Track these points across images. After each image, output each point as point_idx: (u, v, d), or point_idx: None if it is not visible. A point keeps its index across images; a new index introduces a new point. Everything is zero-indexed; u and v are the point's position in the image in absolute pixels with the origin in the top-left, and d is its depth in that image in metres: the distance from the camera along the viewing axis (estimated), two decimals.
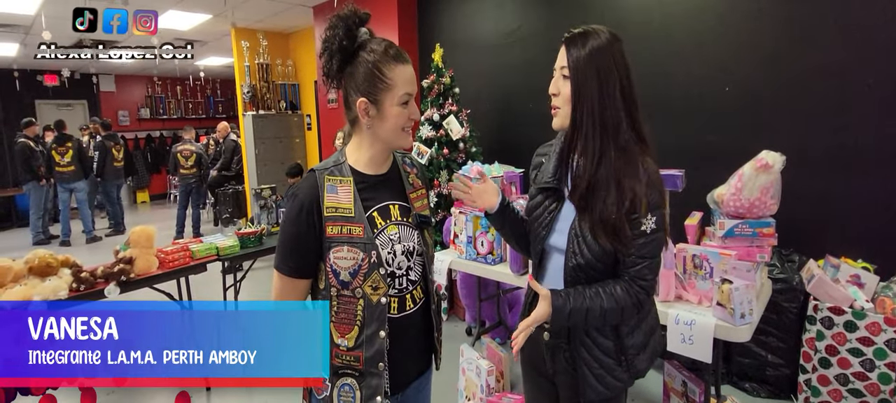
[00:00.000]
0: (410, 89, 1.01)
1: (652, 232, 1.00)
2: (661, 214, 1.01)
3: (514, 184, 2.65)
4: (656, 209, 1.00)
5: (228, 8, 5.04)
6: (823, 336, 2.11)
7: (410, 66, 1.01)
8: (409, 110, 1.01)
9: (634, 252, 1.00)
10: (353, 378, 1.02)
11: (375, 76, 0.98)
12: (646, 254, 1.01)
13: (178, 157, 6.04)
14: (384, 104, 0.99)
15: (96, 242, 6.44)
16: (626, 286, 1.02)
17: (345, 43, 0.98)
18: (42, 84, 8.70)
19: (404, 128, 1.03)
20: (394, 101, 0.99)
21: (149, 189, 10.15)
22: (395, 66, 0.98)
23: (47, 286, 2.13)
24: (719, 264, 1.74)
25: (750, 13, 2.45)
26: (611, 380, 1.07)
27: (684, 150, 2.61)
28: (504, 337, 3.12)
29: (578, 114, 1.00)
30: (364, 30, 1.01)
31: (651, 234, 1.00)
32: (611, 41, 1.00)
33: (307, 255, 1.01)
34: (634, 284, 1.02)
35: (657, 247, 1.03)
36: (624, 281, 1.03)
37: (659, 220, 1.01)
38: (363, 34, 1.01)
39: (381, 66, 0.98)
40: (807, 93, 2.31)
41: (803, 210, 2.27)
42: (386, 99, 0.99)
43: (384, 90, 0.99)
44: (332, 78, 1.02)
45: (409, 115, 1.02)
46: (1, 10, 4.81)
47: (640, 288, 1.02)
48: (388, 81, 0.98)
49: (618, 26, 3.07)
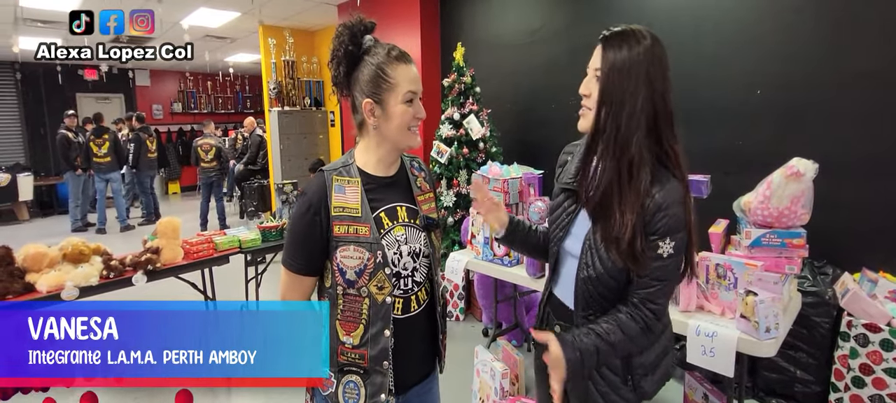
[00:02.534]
0: (414, 87, 1.02)
1: (668, 256, 0.94)
2: (681, 239, 0.95)
3: (532, 186, 2.61)
4: (675, 232, 0.94)
5: (256, 6, 5.16)
6: (857, 354, 2.00)
7: (413, 66, 1.04)
8: (414, 108, 1.03)
9: (648, 274, 0.95)
10: (358, 375, 1.04)
11: (379, 77, 1.01)
12: (659, 277, 0.96)
13: (199, 151, 6.22)
14: (389, 103, 1.01)
15: (130, 231, 6.71)
16: (631, 311, 0.97)
17: (350, 49, 1.01)
18: (82, 78, 9.12)
19: (410, 127, 1.04)
20: (398, 100, 1.01)
21: (180, 180, 10.51)
22: (397, 66, 1.01)
23: (79, 272, 2.23)
24: (744, 275, 1.67)
25: (783, 15, 2.34)
26: (615, 398, 1.04)
27: (710, 155, 2.52)
28: (520, 340, 3.09)
29: (602, 121, 0.95)
30: (369, 37, 1.03)
31: (668, 259, 0.94)
32: (651, 46, 0.93)
33: (313, 253, 1.04)
34: (643, 308, 0.97)
35: (672, 272, 0.97)
36: (630, 304, 0.98)
37: (678, 245, 0.95)
38: (368, 41, 1.03)
39: (384, 66, 1.01)
40: (843, 98, 2.20)
41: (839, 220, 2.16)
42: (390, 98, 1.01)
43: (388, 90, 1.01)
44: (339, 85, 1.05)
45: (414, 114, 1.03)
46: (45, 7, 5.05)
47: (649, 312, 0.96)
48: (390, 81, 1.00)
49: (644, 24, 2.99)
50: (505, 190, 2.48)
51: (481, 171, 2.68)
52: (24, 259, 2.17)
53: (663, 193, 0.93)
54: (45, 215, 8.17)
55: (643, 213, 0.93)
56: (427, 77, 4.13)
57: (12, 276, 2.11)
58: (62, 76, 7.79)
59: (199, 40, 6.75)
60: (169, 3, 4.96)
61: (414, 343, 1.09)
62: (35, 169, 8.29)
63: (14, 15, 5.33)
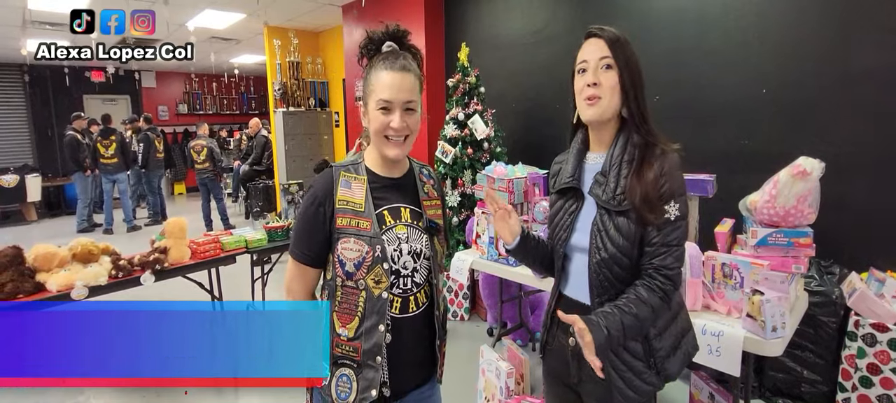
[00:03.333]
0: (387, 96, 1.00)
1: (676, 218, 1.00)
2: (684, 201, 1.02)
3: (537, 185, 2.62)
4: (679, 195, 1.01)
5: (261, 7, 5.18)
6: (865, 354, 1.99)
7: (399, 75, 1.00)
8: (387, 117, 1.01)
9: (658, 240, 1.00)
10: (351, 369, 1.05)
11: (367, 79, 1.04)
12: (671, 242, 1.00)
13: (191, 153, 6.33)
14: (369, 107, 1.04)
15: (136, 231, 6.76)
16: (648, 282, 1.00)
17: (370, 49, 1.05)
18: (89, 80, 9.19)
19: (386, 135, 1.03)
20: (374, 105, 1.02)
21: (185, 181, 10.58)
22: (379, 72, 1.02)
23: (89, 272, 2.26)
24: (751, 274, 1.66)
25: (789, 13, 2.33)
26: (640, 384, 1.05)
27: (715, 154, 2.51)
28: (525, 339, 3.09)
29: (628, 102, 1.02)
30: (389, 43, 1.05)
31: (675, 221, 1.00)
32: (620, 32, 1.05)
33: (316, 244, 1.06)
34: (658, 275, 1.00)
35: (682, 235, 1.02)
36: (646, 275, 1.01)
37: (682, 207, 1.01)
38: (387, 46, 1.05)
39: (371, 69, 1.04)
40: (849, 96, 2.18)
41: (845, 219, 2.15)
42: (370, 102, 1.03)
43: (369, 94, 1.04)
44: None
45: (387, 122, 1.01)
46: (53, 10, 5.09)
47: (665, 278, 1.00)
48: (371, 85, 1.03)
49: (649, 26, 2.98)
50: (510, 189, 2.49)
51: (486, 171, 2.68)
52: (35, 258, 2.20)
53: (661, 160, 1.01)
54: (52, 216, 8.25)
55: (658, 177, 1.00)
56: (431, 77, 4.14)
57: (23, 276, 2.13)
58: (69, 78, 7.86)
59: (204, 42, 6.79)
60: (174, 5, 4.99)
61: (411, 345, 1.09)
62: (43, 170, 8.37)
63: (23, 17, 5.39)
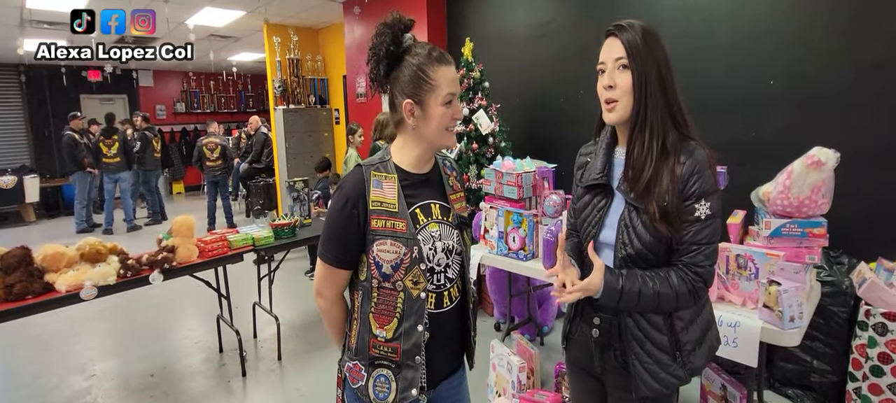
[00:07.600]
0: (453, 89, 1.04)
1: (707, 217, 0.98)
2: (715, 199, 0.99)
3: (546, 180, 2.61)
4: (710, 194, 0.98)
5: (261, 4, 5.15)
6: (876, 344, 2.00)
7: (453, 68, 1.05)
8: (452, 109, 1.04)
9: (689, 238, 0.98)
10: (390, 369, 1.04)
11: (420, 78, 1.01)
12: (701, 240, 0.99)
13: (204, 150, 6.25)
14: (429, 105, 1.02)
15: (137, 231, 6.73)
16: (682, 273, 1.00)
17: (392, 49, 1.01)
18: (86, 79, 9.13)
19: (448, 128, 1.05)
20: (438, 101, 1.02)
21: (184, 180, 10.53)
22: (438, 68, 1.02)
23: (97, 271, 2.24)
24: (766, 265, 1.67)
25: (798, 3, 2.33)
26: (665, 376, 1.05)
27: (725, 147, 2.50)
28: (533, 334, 3.09)
29: (643, 104, 0.99)
30: (408, 35, 1.04)
31: (706, 220, 0.98)
32: (653, 30, 1.01)
33: (349, 247, 1.04)
34: (689, 271, 0.99)
35: (713, 233, 1.00)
36: (678, 268, 1.00)
37: (714, 205, 0.99)
38: (408, 39, 1.03)
39: (426, 67, 1.01)
40: (858, 87, 2.19)
41: (854, 209, 2.16)
42: (430, 100, 1.02)
43: (428, 91, 1.02)
44: (379, 83, 1.06)
45: (452, 115, 1.04)
46: (51, 8, 5.05)
47: (696, 275, 0.99)
48: (432, 82, 1.01)
49: (657, 17, 2.97)
50: (519, 184, 2.48)
51: (494, 166, 2.67)
52: (43, 259, 2.18)
53: (692, 159, 0.98)
54: (51, 216, 8.20)
55: (677, 181, 0.98)
56: None
57: (32, 276, 2.11)
58: (66, 78, 7.79)
59: (203, 40, 6.74)
60: (174, 3, 4.95)
61: (445, 338, 1.11)
62: (40, 170, 8.31)
63: (20, 16, 5.33)
